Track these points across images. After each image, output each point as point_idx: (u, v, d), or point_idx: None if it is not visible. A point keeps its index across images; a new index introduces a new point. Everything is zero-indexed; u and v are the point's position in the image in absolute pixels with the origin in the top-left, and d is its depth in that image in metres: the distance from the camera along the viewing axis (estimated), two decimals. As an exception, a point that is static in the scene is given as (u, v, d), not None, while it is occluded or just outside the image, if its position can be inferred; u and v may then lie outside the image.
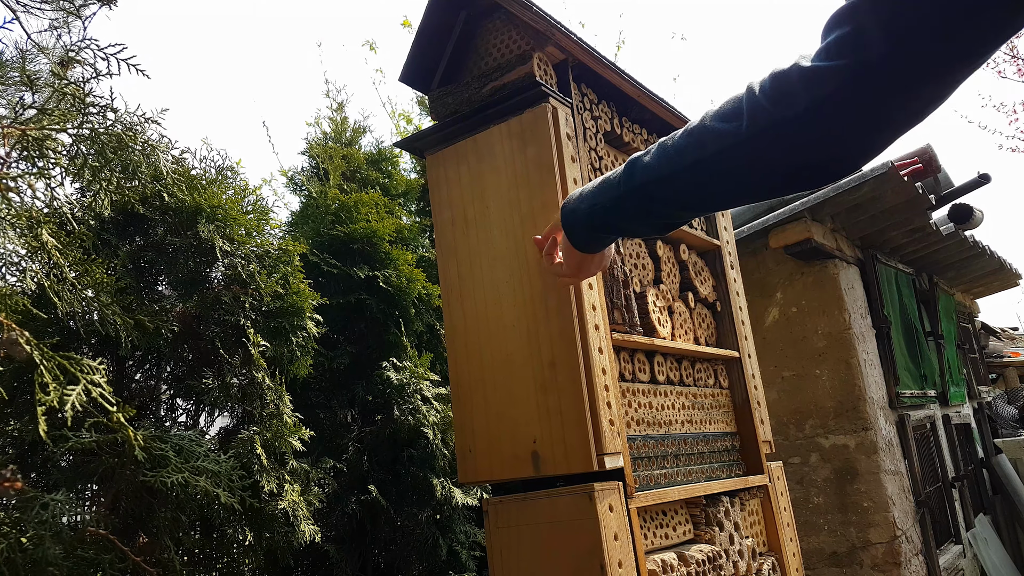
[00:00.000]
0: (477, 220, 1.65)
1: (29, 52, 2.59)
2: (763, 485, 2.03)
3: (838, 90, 0.69)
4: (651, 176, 0.94)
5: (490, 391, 1.56)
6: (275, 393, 1.85)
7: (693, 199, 0.94)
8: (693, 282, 2.09)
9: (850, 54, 0.68)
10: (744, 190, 0.88)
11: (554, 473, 1.44)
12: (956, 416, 4.53)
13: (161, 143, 1.74)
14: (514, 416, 1.51)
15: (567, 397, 1.45)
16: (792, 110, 0.73)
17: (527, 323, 1.53)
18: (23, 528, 1.04)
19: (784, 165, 0.80)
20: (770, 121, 0.76)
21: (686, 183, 0.90)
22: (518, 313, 1.55)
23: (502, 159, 1.63)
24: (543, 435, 1.46)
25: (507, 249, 1.58)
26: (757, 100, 0.77)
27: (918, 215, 3.47)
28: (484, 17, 1.77)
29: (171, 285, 1.99)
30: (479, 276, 1.63)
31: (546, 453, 1.45)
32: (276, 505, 1.76)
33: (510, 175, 1.61)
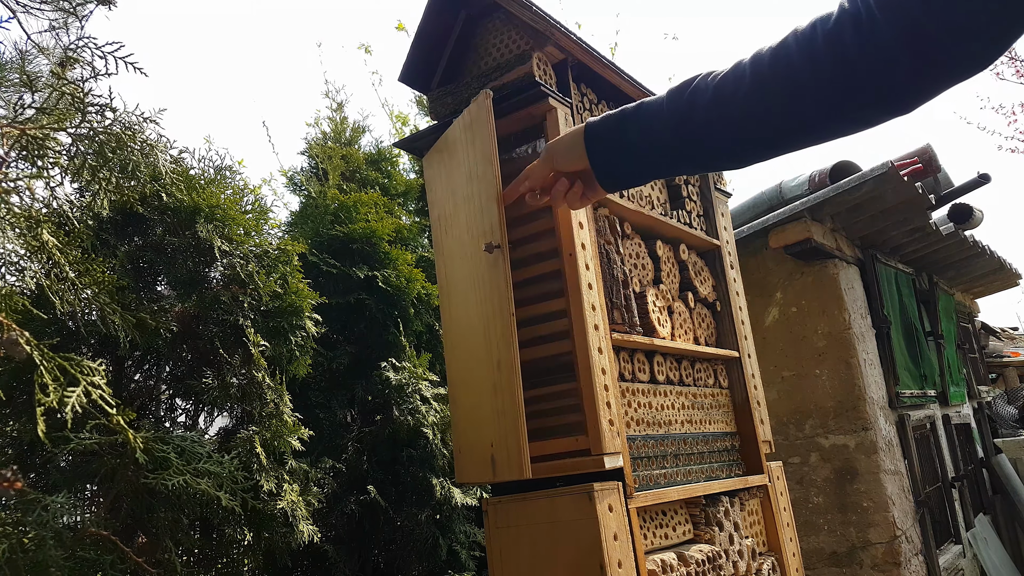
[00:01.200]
0: (450, 218, 1.64)
1: (29, 52, 2.59)
2: (763, 485, 2.03)
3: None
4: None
5: (463, 392, 1.54)
6: (275, 393, 1.85)
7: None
8: (693, 282, 2.09)
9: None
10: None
11: (508, 478, 1.39)
12: (956, 416, 4.53)
13: (160, 143, 1.74)
14: (479, 418, 1.47)
15: (507, 399, 1.40)
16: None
17: (484, 322, 1.48)
18: (24, 529, 1.04)
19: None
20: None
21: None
22: (477, 312, 1.51)
23: (461, 154, 1.61)
24: (497, 438, 1.41)
25: (469, 245, 1.55)
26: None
27: (918, 215, 3.47)
28: (483, 17, 1.77)
29: (170, 285, 1.99)
30: (455, 275, 1.61)
31: (500, 457, 1.40)
32: (275, 505, 1.76)
33: (466, 170, 1.57)
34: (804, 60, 0.74)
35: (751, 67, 0.79)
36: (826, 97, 0.75)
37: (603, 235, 1.74)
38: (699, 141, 0.85)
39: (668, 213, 2.04)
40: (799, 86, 0.75)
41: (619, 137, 0.91)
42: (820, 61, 0.73)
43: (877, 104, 0.74)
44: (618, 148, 0.92)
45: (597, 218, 1.74)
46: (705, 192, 2.25)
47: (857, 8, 0.70)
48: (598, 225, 1.73)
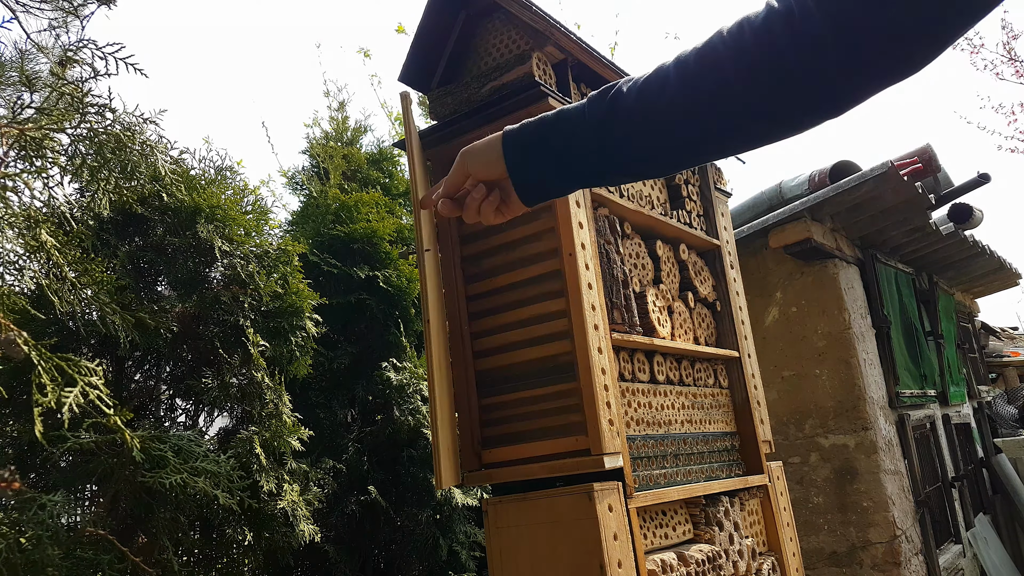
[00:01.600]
0: (430, 216, 1.67)
1: (29, 52, 2.59)
2: (763, 485, 2.03)
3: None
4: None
5: (432, 398, 1.60)
6: (274, 393, 1.85)
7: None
8: (693, 282, 2.09)
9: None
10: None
11: (443, 487, 1.42)
12: (956, 416, 4.53)
13: (160, 143, 1.74)
14: (433, 423, 1.53)
15: (434, 406, 1.43)
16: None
17: (438, 322, 1.54)
18: (22, 529, 1.04)
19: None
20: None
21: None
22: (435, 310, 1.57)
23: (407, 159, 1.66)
24: (434, 446, 1.47)
25: (430, 245, 1.60)
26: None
27: (918, 215, 3.47)
28: (483, 17, 1.77)
29: (170, 285, 1.99)
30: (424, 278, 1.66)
31: (437, 464, 1.45)
32: (275, 505, 1.76)
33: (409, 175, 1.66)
34: (731, 59, 0.72)
35: (675, 69, 0.76)
36: (754, 96, 0.72)
37: (603, 235, 1.74)
38: (622, 148, 0.81)
39: (668, 213, 2.04)
40: (726, 85, 0.73)
41: (539, 145, 0.85)
42: (749, 59, 0.71)
43: (807, 104, 0.72)
44: (539, 157, 0.85)
45: (597, 218, 1.74)
46: (705, 192, 2.25)
47: (789, 5, 0.68)
48: (598, 225, 1.73)
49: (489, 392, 1.70)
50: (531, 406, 1.63)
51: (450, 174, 0.93)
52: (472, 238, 1.78)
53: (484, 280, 1.74)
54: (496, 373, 1.70)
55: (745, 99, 0.72)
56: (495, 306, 1.72)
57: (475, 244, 1.78)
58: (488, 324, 1.72)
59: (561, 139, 0.84)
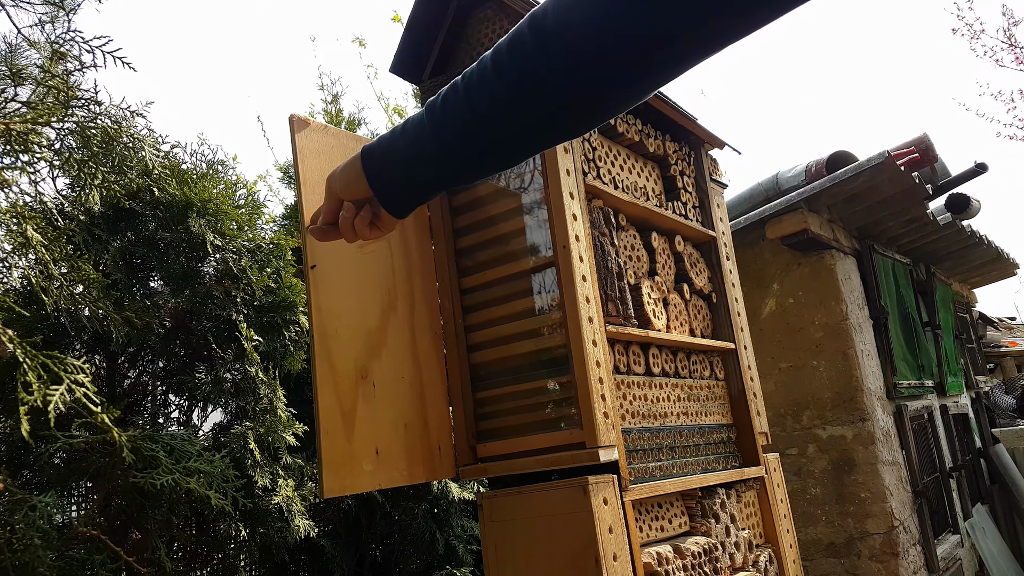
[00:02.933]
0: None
1: (19, 46, 2.57)
2: (759, 477, 2.02)
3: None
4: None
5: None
6: (268, 388, 1.84)
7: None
8: (688, 273, 2.08)
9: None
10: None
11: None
12: (954, 406, 4.54)
13: (149, 137, 1.72)
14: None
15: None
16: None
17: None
18: (12, 529, 1.03)
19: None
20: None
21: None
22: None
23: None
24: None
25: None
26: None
27: (915, 205, 3.46)
28: (475, 6, 1.76)
29: (163, 280, 1.98)
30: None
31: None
32: (270, 501, 1.75)
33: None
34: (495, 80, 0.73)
35: (463, 77, 0.78)
36: (506, 118, 0.74)
37: (597, 227, 1.73)
38: (453, 151, 0.81)
39: (663, 204, 2.03)
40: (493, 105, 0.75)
41: (391, 157, 0.85)
42: (503, 75, 0.72)
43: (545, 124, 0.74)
44: (393, 169, 0.86)
45: (591, 210, 1.73)
46: (700, 183, 2.23)
47: (525, 30, 0.71)
48: (592, 217, 1.72)
49: (484, 386, 1.69)
50: (526, 400, 1.62)
51: (324, 202, 0.94)
52: (466, 231, 1.77)
53: (478, 273, 1.73)
54: (491, 367, 1.69)
55: (502, 120, 0.74)
56: (489, 299, 1.71)
57: (469, 237, 1.77)
58: (482, 317, 1.71)
59: (407, 149, 0.84)
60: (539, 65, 0.69)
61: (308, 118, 1.60)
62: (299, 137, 1.56)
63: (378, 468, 1.49)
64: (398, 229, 1.73)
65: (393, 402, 1.57)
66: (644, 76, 0.69)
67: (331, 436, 1.42)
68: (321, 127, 1.62)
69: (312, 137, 1.58)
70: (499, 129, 0.76)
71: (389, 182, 0.87)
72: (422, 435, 1.62)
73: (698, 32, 0.64)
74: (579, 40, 0.67)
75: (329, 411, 1.43)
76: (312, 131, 1.59)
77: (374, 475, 1.48)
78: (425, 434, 1.63)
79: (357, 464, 1.45)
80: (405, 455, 1.56)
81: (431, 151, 0.81)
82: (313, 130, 1.59)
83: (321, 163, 1.60)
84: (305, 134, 1.57)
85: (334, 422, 1.43)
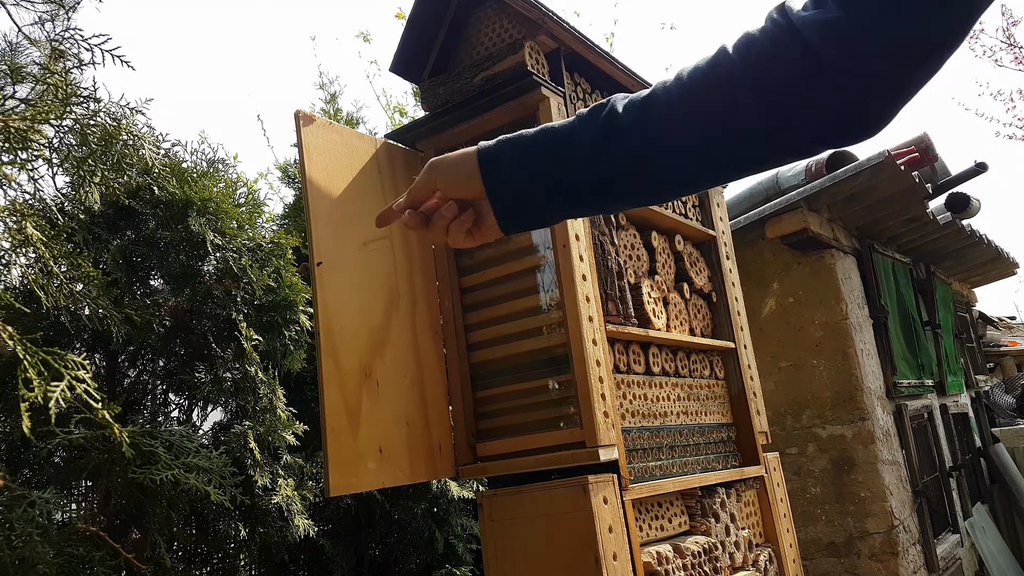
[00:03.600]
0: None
1: (19, 45, 2.57)
2: (759, 476, 2.02)
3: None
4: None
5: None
6: (268, 387, 1.84)
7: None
8: (688, 273, 2.08)
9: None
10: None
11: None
12: (954, 405, 4.54)
13: (149, 135, 1.72)
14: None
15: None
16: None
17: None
18: (11, 526, 1.04)
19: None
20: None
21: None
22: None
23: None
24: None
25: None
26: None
27: (915, 204, 3.46)
28: (475, 6, 1.75)
29: (163, 279, 1.98)
30: None
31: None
32: (270, 500, 1.75)
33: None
34: (740, 77, 0.68)
35: (678, 88, 0.71)
36: (763, 119, 0.68)
37: (597, 226, 1.73)
38: (618, 173, 0.74)
39: (663, 204, 2.03)
40: (735, 106, 0.69)
41: (520, 165, 0.76)
42: (758, 76, 0.67)
43: (821, 126, 0.68)
44: (520, 179, 0.76)
45: (591, 209, 1.73)
46: (701, 182, 2.23)
47: (792, 21, 0.65)
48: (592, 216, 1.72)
49: (484, 385, 1.69)
50: (526, 399, 1.62)
51: (415, 185, 0.84)
52: (466, 230, 1.77)
53: (478, 272, 1.73)
54: (491, 366, 1.69)
55: (754, 121, 0.68)
56: (489, 298, 1.71)
57: (469, 236, 1.77)
58: (482, 316, 1.71)
59: (545, 161, 0.76)
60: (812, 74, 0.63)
61: (313, 115, 1.60)
62: (305, 133, 1.56)
63: (382, 467, 1.49)
64: (399, 225, 1.73)
65: (396, 400, 1.57)
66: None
67: (337, 434, 1.42)
68: (326, 123, 1.62)
69: (317, 133, 1.58)
70: (741, 142, 0.69)
71: (514, 189, 0.77)
72: (423, 434, 1.62)
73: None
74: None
75: (335, 409, 1.43)
76: (317, 127, 1.59)
77: (378, 474, 1.48)
78: (426, 433, 1.63)
79: (362, 462, 1.45)
80: (407, 454, 1.56)
81: (614, 157, 0.72)
82: (318, 126, 1.59)
83: (326, 159, 1.60)
84: (311, 130, 1.57)
85: (340, 420, 1.43)
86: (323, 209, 1.58)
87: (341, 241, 1.61)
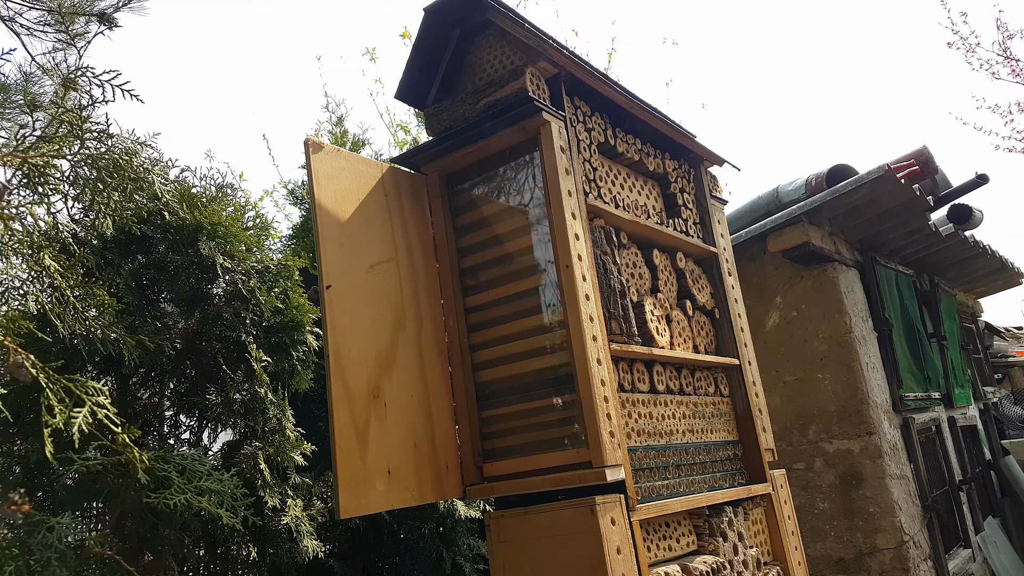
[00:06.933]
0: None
1: (33, 75, 2.63)
2: (766, 494, 2.03)
3: None
4: None
5: None
6: (277, 408, 1.87)
7: None
8: (691, 290, 2.10)
9: None
10: None
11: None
12: (962, 418, 4.52)
13: (157, 167, 1.76)
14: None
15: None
16: None
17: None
18: (31, 551, 1.05)
19: None
20: None
21: None
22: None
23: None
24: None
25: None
26: None
27: (916, 217, 3.48)
28: (477, 33, 1.79)
29: (173, 302, 2.01)
30: None
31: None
32: (279, 521, 1.77)
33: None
34: None
35: None
36: None
37: (599, 246, 1.75)
38: None
39: (664, 222, 2.05)
40: None
41: None
42: None
43: None
44: None
45: (593, 229, 1.75)
46: (701, 200, 2.26)
47: None
48: (594, 236, 1.74)
49: (489, 404, 1.71)
50: (532, 418, 1.64)
51: None
52: (469, 251, 1.80)
53: (482, 292, 1.76)
54: (496, 385, 1.71)
55: None
56: (494, 318, 1.73)
57: (473, 256, 1.79)
58: (486, 336, 1.74)
59: None
60: None
61: (322, 142, 1.64)
62: (314, 160, 1.60)
63: (390, 488, 1.50)
64: (404, 246, 1.76)
65: (403, 421, 1.59)
66: None
67: (346, 455, 1.44)
68: (335, 150, 1.66)
69: (326, 160, 1.62)
70: None
71: None
72: (430, 454, 1.64)
73: None
74: None
75: (344, 430, 1.45)
76: (326, 154, 1.63)
77: (387, 495, 1.49)
78: (433, 453, 1.64)
79: (371, 483, 1.47)
80: (415, 474, 1.58)
81: None
82: (327, 153, 1.63)
83: (335, 185, 1.64)
84: (320, 157, 1.61)
85: (349, 441, 1.46)
86: (332, 233, 1.62)
87: (349, 264, 1.64)
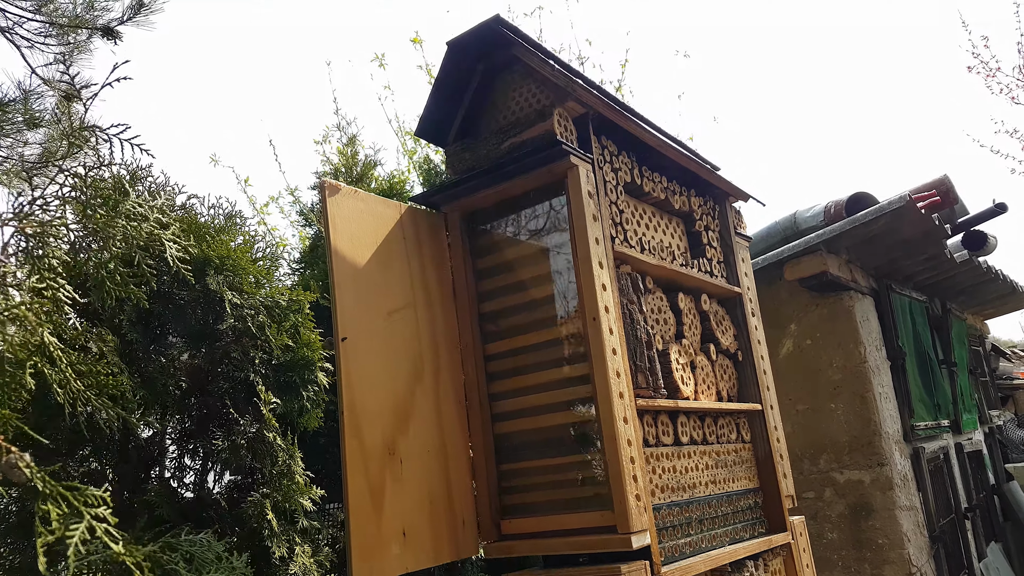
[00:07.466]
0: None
1: (33, 89, 2.54)
2: (786, 544, 1.97)
3: None
4: None
5: None
6: (286, 453, 1.80)
7: None
8: (715, 332, 2.03)
9: None
10: None
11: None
12: (968, 444, 4.48)
13: (164, 189, 1.69)
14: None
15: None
16: None
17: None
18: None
19: None
20: None
21: None
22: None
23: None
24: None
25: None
26: None
27: (934, 245, 3.42)
28: (502, 70, 1.72)
29: (179, 337, 1.94)
30: None
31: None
32: (287, 571, 1.70)
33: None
34: None
35: None
36: None
37: (625, 294, 1.69)
38: None
39: (688, 263, 1.99)
40: None
41: None
42: None
43: None
44: None
45: (619, 276, 1.68)
46: (725, 237, 2.19)
47: None
48: (620, 284, 1.68)
49: (509, 458, 1.65)
50: (553, 475, 1.58)
51: None
52: (490, 296, 1.73)
53: (504, 339, 1.69)
54: (516, 438, 1.65)
55: None
56: (514, 368, 1.67)
57: (493, 301, 1.72)
58: (507, 386, 1.67)
59: None
60: None
61: (339, 184, 1.57)
62: (330, 203, 1.53)
63: (405, 550, 1.44)
64: (422, 288, 1.70)
65: (420, 477, 1.53)
66: None
67: (360, 519, 1.38)
68: (351, 192, 1.59)
69: (343, 203, 1.55)
70: None
71: None
72: (447, 510, 1.57)
73: None
74: None
75: (359, 494, 1.39)
76: (343, 196, 1.56)
77: (401, 558, 1.43)
78: (450, 508, 1.58)
79: (386, 547, 1.40)
80: (431, 533, 1.51)
81: None
82: (344, 195, 1.56)
83: (351, 228, 1.57)
84: (336, 200, 1.54)
85: (364, 505, 1.39)
86: (348, 280, 1.55)
87: (366, 312, 1.57)
